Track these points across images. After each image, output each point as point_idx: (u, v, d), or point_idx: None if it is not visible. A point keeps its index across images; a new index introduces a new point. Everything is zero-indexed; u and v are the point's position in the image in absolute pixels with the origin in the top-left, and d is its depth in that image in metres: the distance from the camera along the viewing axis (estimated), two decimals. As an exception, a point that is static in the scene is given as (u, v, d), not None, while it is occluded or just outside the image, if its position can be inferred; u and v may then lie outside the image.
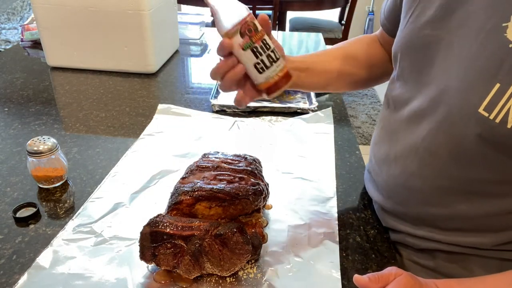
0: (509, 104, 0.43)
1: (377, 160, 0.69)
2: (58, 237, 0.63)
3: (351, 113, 3.05)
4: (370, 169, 0.73)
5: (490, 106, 0.45)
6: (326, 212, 0.70)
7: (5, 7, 3.11)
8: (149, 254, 0.55)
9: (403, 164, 0.61)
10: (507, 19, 0.44)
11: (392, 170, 0.63)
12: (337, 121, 1.00)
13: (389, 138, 0.64)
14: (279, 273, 0.57)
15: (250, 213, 0.62)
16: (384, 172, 0.66)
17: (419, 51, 0.56)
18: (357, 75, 0.77)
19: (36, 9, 1.19)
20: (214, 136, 0.93)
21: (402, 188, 0.62)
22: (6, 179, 0.76)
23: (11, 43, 2.73)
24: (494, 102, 0.44)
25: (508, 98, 0.43)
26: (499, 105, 0.44)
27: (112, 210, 0.69)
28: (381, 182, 0.68)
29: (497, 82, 0.44)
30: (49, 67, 1.29)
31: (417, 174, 0.59)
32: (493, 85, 0.44)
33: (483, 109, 0.45)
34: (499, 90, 0.44)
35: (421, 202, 0.61)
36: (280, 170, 0.81)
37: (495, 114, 0.44)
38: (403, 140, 0.60)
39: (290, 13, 2.90)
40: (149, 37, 1.20)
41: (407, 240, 0.65)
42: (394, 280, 0.47)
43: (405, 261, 0.65)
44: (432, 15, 0.53)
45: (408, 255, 0.66)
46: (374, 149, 0.71)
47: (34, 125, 0.96)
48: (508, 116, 0.44)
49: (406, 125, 0.60)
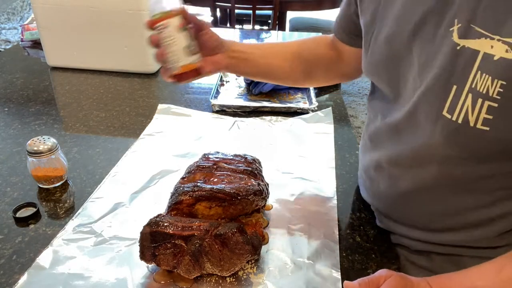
0: (467, 103, 0.45)
1: (365, 168, 0.71)
2: (58, 237, 0.63)
3: (351, 113, 3.05)
4: (360, 175, 0.75)
5: (452, 108, 0.47)
6: (326, 212, 0.70)
7: (5, 7, 3.11)
8: (149, 254, 0.55)
9: (388, 172, 0.63)
10: (452, 23, 0.46)
11: (380, 177, 0.65)
12: (337, 121, 1.00)
13: (374, 146, 0.66)
14: (279, 273, 0.58)
15: (250, 213, 0.62)
16: (372, 179, 0.68)
17: (385, 68, 0.59)
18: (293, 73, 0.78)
19: (36, 9, 1.19)
20: (214, 136, 0.93)
21: (391, 193, 0.63)
22: (6, 179, 0.76)
23: (11, 43, 2.74)
24: (454, 104, 0.46)
25: (465, 98, 0.45)
26: (459, 106, 0.46)
27: (112, 210, 0.69)
28: (371, 188, 0.69)
29: (454, 84, 0.46)
30: (49, 67, 1.29)
31: (403, 180, 0.60)
32: (451, 88, 0.46)
33: (446, 111, 0.47)
34: (456, 91, 0.46)
35: (411, 205, 0.62)
36: (280, 170, 0.81)
37: (457, 115, 0.46)
38: (387, 148, 0.62)
39: (290, 13, 2.89)
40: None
41: (403, 242, 0.66)
42: (385, 283, 0.48)
43: (403, 262, 0.66)
44: (389, 32, 0.56)
45: (406, 256, 0.66)
46: (361, 157, 0.73)
47: (34, 125, 0.96)
48: (469, 116, 0.45)
49: (388, 135, 0.62)
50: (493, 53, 0.42)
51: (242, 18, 3.32)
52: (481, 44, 0.43)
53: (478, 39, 0.44)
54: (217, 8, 2.79)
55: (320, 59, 0.78)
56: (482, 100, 0.44)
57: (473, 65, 0.44)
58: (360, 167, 0.74)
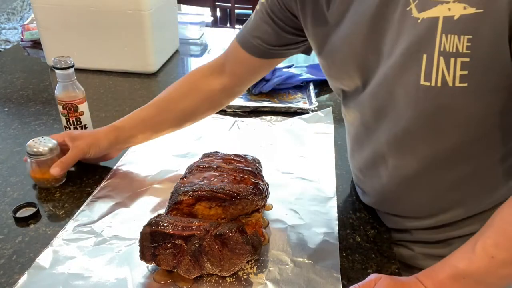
0: (441, 66, 0.48)
1: (356, 170, 0.71)
2: (58, 237, 0.63)
3: (351, 113, 3.04)
4: (356, 181, 0.75)
5: (428, 76, 0.49)
6: (326, 212, 0.70)
7: (5, 7, 3.11)
8: (149, 254, 0.55)
9: (376, 171, 0.64)
10: (408, 3, 0.49)
11: (371, 177, 0.66)
12: (337, 121, 1.00)
13: (360, 146, 0.67)
14: (279, 273, 0.57)
15: (250, 213, 0.62)
16: (366, 180, 0.69)
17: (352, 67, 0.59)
18: (166, 122, 0.81)
19: (36, 9, 1.19)
20: (214, 136, 0.93)
21: (391, 185, 0.64)
22: (6, 179, 0.76)
23: (11, 43, 2.74)
24: (429, 71, 0.49)
25: (438, 62, 0.48)
26: (434, 71, 0.48)
27: (112, 210, 0.69)
28: (367, 189, 0.70)
29: (423, 54, 0.49)
30: (49, 67, 1.29)
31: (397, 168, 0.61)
32: (421, 57, 0.49)
33: (423, 81, 0.49)
34: (427, 59, 0.48)
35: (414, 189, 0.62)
36: (280, 170, 0.81)
37: (434, 80, 0.49)
38: (369, 147, 0.64)
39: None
40: (149, 37, 1.20)
41: (415, 237, 0.66)
42: (376, 285, 0.50)
43: (418, 256, 0.67)
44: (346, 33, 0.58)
45: (421, 249, 0.67)
46: (352, 162, 0.73)
47: (34, 125, 0.96)
48: (446, 77, 0.48)
49: (368, 132, 0.63)
50: (452, 14, 0.46)
51: (242, 18, 3.32)
52: (439, 10, 0.47)
53: (435, 7, 0.47)
54: (217, 8, 2.79)
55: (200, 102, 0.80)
56: (454, 58, 0.46)
57: (436, 30, 0.47)
58: (352, 169, 0.74)
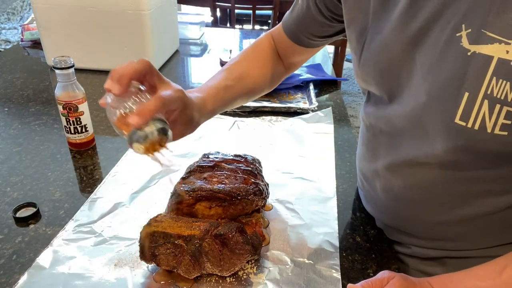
0: (483, 109, 0.44)
1: (364, 177, 0.69)
2: (58, 237, 0.63)
3: (351, 113, 3.05)
4: (360, 186, 0.74)
5: (465, 115, 0.45)
6: (326, 212, 0.70)
7: (5, 7, 3.12)
8: (149, 254, 0.55)
9: (389, 181, 0.62)
10: (459, 29, 0.45)
11: (381, 186, 0.64)
12: (337, 121, 1.00)
13: (372, 155, 0.65)
14: (279, 273, 0.57)
15: (250, 213, 0.62)
16: (374, 189, 0.66)
17: (383, 75, 0.57)
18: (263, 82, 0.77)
19: (36, 9, 1.19)
20: (214, 136, 0.93)
21: (395, 203, 0.63)
22: (6, 179, 0.76)
23: (11, 43, 2.74)
24: (468, 111, 0.45)
25: (480, 104, 0.44)
26: (474, 113, 0.45)
27: (112, 210, 0.69)
28: (374, 199, 0.68)
29: (465, 92, 0.45)
30: (49, 67, 1.29)
31: (406, 189, 0.59)
32: (463, 95, 0.45)
33: (459, 119, 0.46)
34: (469, 98, 0.44)
35: (417, 214, 0.61)
36: (280, 170, 0.81)
37: (472, 122, 0.45)
38: (385, 157, 0.61)
39: (290, 13, 2.90)
40: (149, 37, 1.20)
41: (415, 251, 0.65)
42: (388, 284, 0.48)
43: (411, 271, 0.65)
44: (384, 40, 0.55)
45: (415, 265, 0.65)
46: (359, 165, 0.71)
47: (34, 125, 0.96)
48: (486, 122, 0.44)
49: (386, 144, 0.60)
50: (509, 58, 0.42)
51: (242, 18, 3.32)
52: (495, 49, 0.42)
53: (491, 44, 0.43)
54: (217, 8, 2.79)
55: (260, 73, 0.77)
56: (500, 106, 0.43)
57: (487, 71, 0.43)
58: (359, 176, 0.72)
